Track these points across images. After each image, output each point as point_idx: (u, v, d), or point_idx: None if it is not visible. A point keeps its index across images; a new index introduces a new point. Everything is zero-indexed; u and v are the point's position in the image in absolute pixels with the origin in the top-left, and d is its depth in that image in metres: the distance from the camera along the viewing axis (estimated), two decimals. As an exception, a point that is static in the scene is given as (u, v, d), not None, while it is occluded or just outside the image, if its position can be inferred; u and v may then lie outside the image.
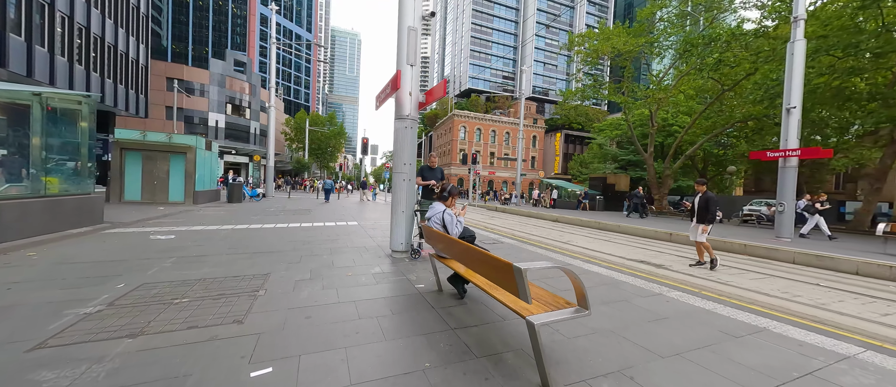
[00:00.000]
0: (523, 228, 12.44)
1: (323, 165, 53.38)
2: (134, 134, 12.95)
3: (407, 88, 5.01)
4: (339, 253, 5.41)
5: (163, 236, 6.24)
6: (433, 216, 3.28)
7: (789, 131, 9.57)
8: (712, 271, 5.99)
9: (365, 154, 21.91)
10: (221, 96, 39.73)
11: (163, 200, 13.40)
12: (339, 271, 4.30)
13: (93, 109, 7.57)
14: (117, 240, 5.85)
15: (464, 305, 3.22)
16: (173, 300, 3.11)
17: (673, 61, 23.63)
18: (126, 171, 13.02)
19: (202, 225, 8.02)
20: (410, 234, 5.18)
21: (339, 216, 11.22)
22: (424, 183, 5.54)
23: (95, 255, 4.73)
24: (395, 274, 4.26)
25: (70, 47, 16.21)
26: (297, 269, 4.35)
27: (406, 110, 5.05)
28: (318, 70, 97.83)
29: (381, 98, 5.45)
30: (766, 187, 32.53)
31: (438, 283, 3.65)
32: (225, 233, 7.01)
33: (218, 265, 4.38)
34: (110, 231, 6.83)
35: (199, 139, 14.25)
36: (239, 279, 3.80)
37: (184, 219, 9.10)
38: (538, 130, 57.61)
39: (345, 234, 7.46)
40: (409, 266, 4.67)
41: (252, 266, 4.39)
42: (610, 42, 22.70)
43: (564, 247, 8.14)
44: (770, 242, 8.81)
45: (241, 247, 5.60)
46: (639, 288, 4.11)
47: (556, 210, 23.27)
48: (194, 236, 6.44)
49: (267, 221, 9.34)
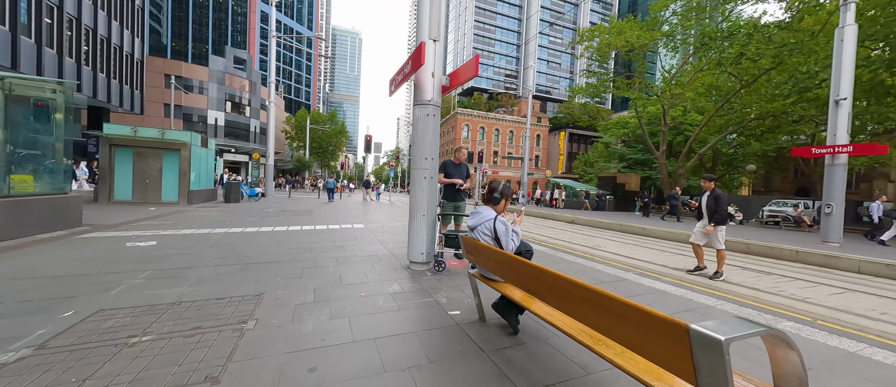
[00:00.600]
0: (541, 230, 11.60)
1: (324, 164, 52.58)
2: (124, 130, 12.13)
3: (429, 67, 4.18)
4: (347, 264, 4.58)
5: (142, 243, 5.41)
6: (479, 226, 2.45)
7: (838, 125, 8.70)
8: (711, 281, 5.19)
9: (368, 152, 21.11)
10: (221, 94, 38.94)
11: (155, 200, 12.59)
12: (350, 291, 3.47)
13: (69, 99, 6.76)
14: (89, 247, 5.03)
15: (522, 345, 2.39)
16: (130, 339, 2.28)
17: (687, 56, 22.78)
18: (116, 169, 12.21)
19: (192, 228, 7.21)
20: (433, 242, 4.35)
21: (342, 218, 10.40)
22: (448, 181, 4.70)
23: (56, 267, 3.91)
24: (418, 294, 3.43)
25: (59, 39, 15.41)
26: (298, 287, 3.52)
27: (428, 94, 4.22)
28: (318, 69, 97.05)
29: (396, 81, 4.61)
30: (775, 187, 31.71)
31: (480, 310, 2.82)
32: (216, 238, 6.19)
33: (200, 282, 3.55)
34: (87, 236, 6.01)
35: (195, 135, 13.43)
36: (223, 304, 2.97)
37: (174, 221, 8.28)
38: (542, 129, 56.74)
39: (351, 239, 6.63)
40: (434, 282, 3.84)
41: (242, 283, 3.57)
42: (623, 36, 21.79)
43: (599, 254, 7.29)
44: (818, 247, 7.96)
45: (231, 256, 4.78)
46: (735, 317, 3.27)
47: (568, 211, 22.43)
48: (180, 243, 5.62)
49: (265, 223, 8.52)
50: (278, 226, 8.07)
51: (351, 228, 8.10)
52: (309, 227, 8.10)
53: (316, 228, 7.88)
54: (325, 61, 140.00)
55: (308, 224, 8.58)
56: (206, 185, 14.88)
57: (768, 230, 14.19)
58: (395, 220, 10.39)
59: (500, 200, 2.48)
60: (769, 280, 5.53)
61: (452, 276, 4.12)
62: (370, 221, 9.70)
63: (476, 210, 2.52)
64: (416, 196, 4.30)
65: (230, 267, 4.19)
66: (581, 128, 54.68)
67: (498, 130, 54.73)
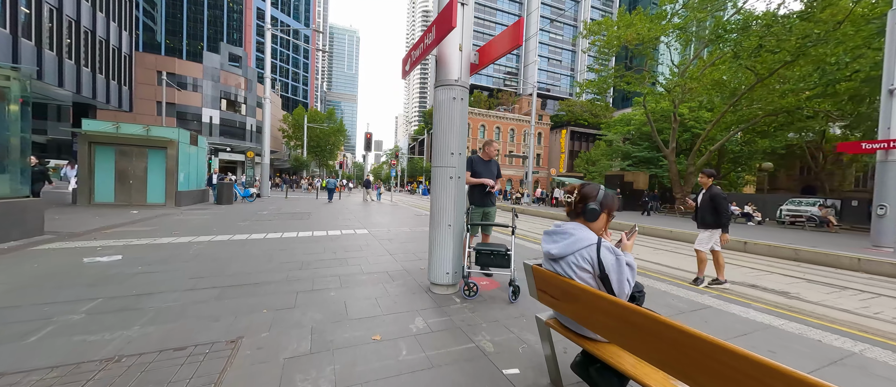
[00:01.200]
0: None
1: (322, 163, 51.57)
2: (105, 126, 11.19)
3: (456, 38, 3.29)
4: (352, 286, 3.70)
5: (105, 258, 4.51)
6: (569, 255, 1.57)
7: (892, 117, 7.86)
8: (702, 289, 4.38)
9: (368, 150, 20.22)
10: (216, 91, 37.87)
11: (140, 202, 11.66)
12: (359, 330, 2.58)
13: (26, 88, 5.83)
14: (37, 264, 4.13)
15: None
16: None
17: (698, 50, 21.98)
18: (96, 168, 11.27)
19: (173, 236, 6.30)
20: (460, 259, 3.47)
21: (343, 222, 9.51)
22: (477, 181, 3.82)
23: (-25, 296, 3.02)
24: (452, 335, 2.55)
25: (38, 30, 14.42)
26: (290, 324, 2.63)
27: (454, 72, 3.34)
28: (316, 67, 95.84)
29: (410, 59, 3.72)
30: (780, 185, 31.06)
31: (552, 368, 1.94)
32: (197, 249, 5.29)
33: (158, 318, 2.66)
34: (44, 247, 5.10)
35: (183, 132, 12.50)
36: (181, 359, 2.09)
37: (155, 227, 7.37)
38: (543, 127, 55.99)
39: (355, 249, 5.74)
40: (467, 314, 2.96)
41: (216, 319, 2.68)
42: (633, 29, 20.95)
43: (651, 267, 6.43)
44: (880, 253, 7.13)
45: (210, 274, 3.89)
46: (838, 350, 2.41)
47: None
48: (152, 255, 4.72)
49: (256, 228, 7.62)
50: (272, 232, 7.18)
51: (353, 235, 7.21)
52: (306, 233, 7.21)
53: (314, 235, 6.99)
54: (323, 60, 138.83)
55: (305, 230, 7.69)
56: (197, 185, 13.95)
57: (792, 231, 13.40)
58: (401, 224, 9.51)
59: (599, 213, 1.60)
60: (851, 298, 4.68)
61: (488, 304, 3.24)
62: (374, 226, 8.81)
63: (559, 230, 1.64)
64: (439, 201, 3.42)
65: (204, 292, 3.30)
66: (583, 126, 53.99)
67: (499, 129, 53.95)
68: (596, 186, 1.63)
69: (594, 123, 52.83)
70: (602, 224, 1.62)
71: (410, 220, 10.59)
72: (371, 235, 7.16)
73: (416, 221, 10.16)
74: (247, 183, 24.34)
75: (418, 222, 9.94)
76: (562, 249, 1.55)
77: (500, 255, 3.36)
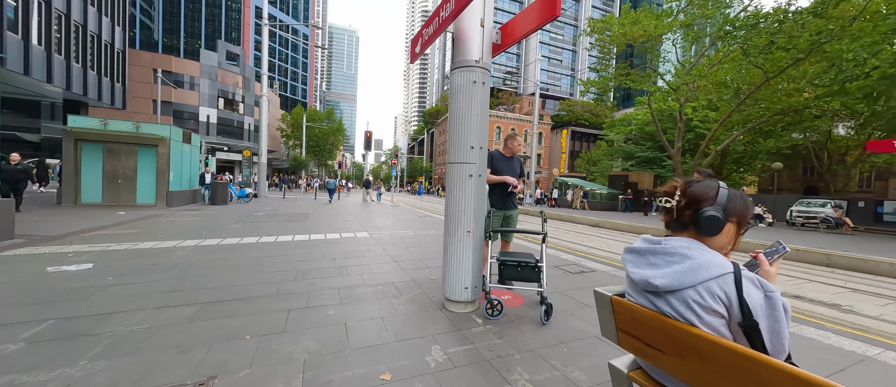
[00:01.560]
0: (572, 238, 10.23)
1: (321, 162, 50.99)
2: (92, 122, 10.64)
3: (477, 11, 2.79)
4: (354, 302, 3.18)
5: (73, 266, 3.98)
6: (689, 287, 0.99)
7: (928, 114, 7.38)
8: None
9: (368, 149, 19.72)
10: (213, 90, 37.27)
11: (129, 203, 11.11)
12: (364, 364, 2.07)
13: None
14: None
15: None
16: None
17: (704, 48, 21.54)
18: (83, 167, 10.73)
19: (156, 241, 5.77)
20: (480, 271, 2.96)
21: (342, 224, 8.99)
22: (499, 179, 3.31)
23: None
24: (480, 372, 2.03)
25: (25, 23, 13.86)
26: (277, 358, 2.12)
27: (474, 52, 2.83)
28: (315, 67, 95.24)
29: (426, 36, 3.20)
30: (783, 186, 30.65)
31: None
32: (180, 255, 4.77)
33: (112, 350, 2.14)
34: (8, 253, 4.58)
35: (176, 130, 11.96)
36: (129, 414, 1.57)
37: (140, 230, 6.84)
38: (544, 127, 55.58)
39: (356, 255, 5.22)
40: (493, 340, 2.45)
41: (185, 350, 2.16)
42: (639, 25, 20.48)
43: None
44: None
45: (188, 288, 3.37)
46: None
47: (589, 213, 21.15)
48: (127, 263, 4.20)
49: (249, 231, 7.10)
50: (266, 235, 6.65)
51: (354, 238, 6.69)
52: (302, 237, 6.68)
53: (311, 239, 6.46)
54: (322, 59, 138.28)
55: (302, 233, 7.16)
56: (190, 185, 13.40)
57: (807, 233, 12.94)
58: (404, 226, 8.99)
59: (723, 223, 1.04)
60: (911, 311, 4.19)
61: (516, 327, 2.72)
62: (375, 229, 8.29)
63: (659, 248, 1.08)
64: (455, 203, 2.90)
65: (177, 311, 2.78)
66: (583, 126, 53.57)
67: (499, 128, 53.52)
68: (711, 184, 1.10)
69: (595, 123, 52.49)
70: (727, 240, 1.09)
71: (413, 222, 10.08)
72: (373, 239, 6.64)
73: (419, 224, 9.64)
74: (243, 183, 23.80)
75: (422, 225, 9.42)
76: (672, 280, 1.02)
77: (530, 267, 2.84)
